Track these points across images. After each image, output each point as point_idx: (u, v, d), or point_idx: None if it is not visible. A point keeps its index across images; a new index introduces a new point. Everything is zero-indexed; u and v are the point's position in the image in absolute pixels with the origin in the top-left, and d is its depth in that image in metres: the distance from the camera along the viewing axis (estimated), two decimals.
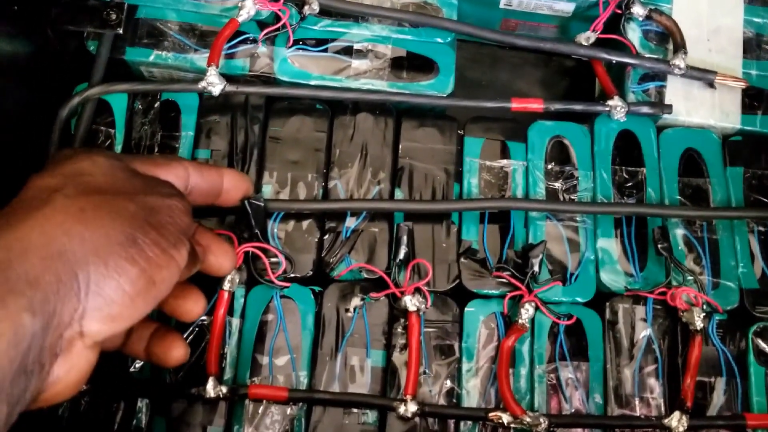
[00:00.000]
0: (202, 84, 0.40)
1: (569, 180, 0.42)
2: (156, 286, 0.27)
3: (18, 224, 0.25)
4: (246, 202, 0.38)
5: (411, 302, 0.38)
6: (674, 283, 0.40)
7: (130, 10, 0.43)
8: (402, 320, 0.39)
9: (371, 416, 0.38)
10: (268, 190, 0.41)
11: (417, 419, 0.37)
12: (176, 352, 0.33)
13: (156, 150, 0.41)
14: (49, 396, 0.26)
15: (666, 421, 0.37)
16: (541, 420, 0.37)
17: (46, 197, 0.26)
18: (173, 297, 0.32)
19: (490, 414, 0.37)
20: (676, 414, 0.37)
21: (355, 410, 0.38)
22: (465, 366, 0.39)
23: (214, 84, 0.40)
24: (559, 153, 0.43)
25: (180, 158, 0.36)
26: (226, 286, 0.38)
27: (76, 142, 0.40)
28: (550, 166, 0.42)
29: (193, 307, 0.33)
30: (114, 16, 0.40)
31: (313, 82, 0.43)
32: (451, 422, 0.38)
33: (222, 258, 0.34)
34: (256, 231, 0.38)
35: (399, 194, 0.42)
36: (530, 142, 0.43)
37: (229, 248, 0.35)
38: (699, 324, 0.38)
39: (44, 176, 0.28)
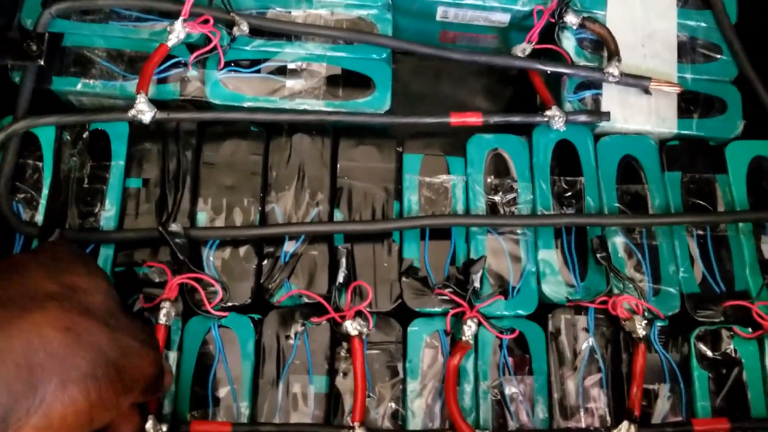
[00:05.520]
0: (131, 113, 0.39)
1: (509, 192, 0.42)
2: (92, 424, 0.28)
3: (6, 324, 0.26)
4: (161, 230, 0.37)
5: (352, 327, 0.37)
6: (615, 291, 0.40)
7: (54, 39, 0.41)
8: (345, 344, 0.38)
9: None
10: (202, 218, 0.40)
11: None
12: None
13: (86, 182, 0.40)
14: None
15: (615, 431, 0.37)
16: None
17: (41, 302, 0.27)
18: None
19: None
20: (625, 424, 0.37)
21: None
22: (410, 386, 0.38)
23: (144, 112, 0.39)
24: (499, 166, 0.43)
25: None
26: (162, 319, 0.37)
27: (2, 179, 0.39)
28: (489, 180, 0.42)
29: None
30: (35, 48, 0.39)
31: (246, 105, 0.42)
32: None
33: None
34: (184, 259, 0.37)
35: (338, 215, 0.41)
36: (469, 156, 0.43)
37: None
38: (641, 332, 0.38)
39: (42, 278, 0.29)
